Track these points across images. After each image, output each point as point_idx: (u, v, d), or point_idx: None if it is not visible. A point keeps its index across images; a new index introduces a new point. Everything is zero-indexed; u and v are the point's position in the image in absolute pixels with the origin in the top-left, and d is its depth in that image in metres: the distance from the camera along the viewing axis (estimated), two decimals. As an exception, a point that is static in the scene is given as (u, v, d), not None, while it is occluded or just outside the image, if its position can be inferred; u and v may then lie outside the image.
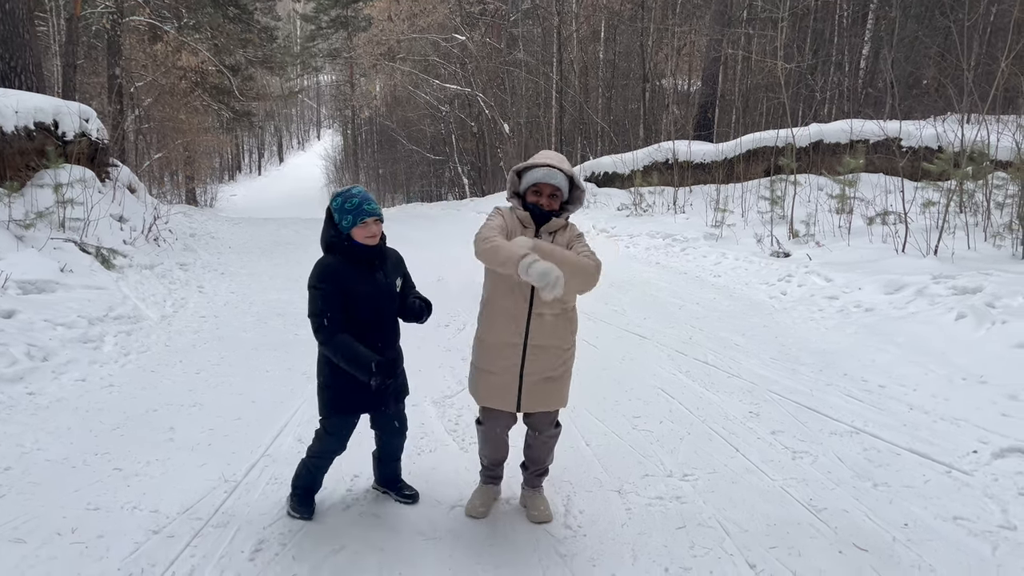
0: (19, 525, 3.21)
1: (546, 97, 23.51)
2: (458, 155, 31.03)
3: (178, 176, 29.99)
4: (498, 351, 3.22)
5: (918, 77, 15.90)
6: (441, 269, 9.93)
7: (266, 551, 3.10)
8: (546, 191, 3.16)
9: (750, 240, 10.48)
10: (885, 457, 4.04)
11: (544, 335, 3.18)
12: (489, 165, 28.79)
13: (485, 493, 3.53)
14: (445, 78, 28.89)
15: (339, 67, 50.01)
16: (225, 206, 33.20)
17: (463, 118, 29.92)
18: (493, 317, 3.24)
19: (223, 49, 27.06)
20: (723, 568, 3.02)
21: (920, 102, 14.48)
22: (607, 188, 17.10)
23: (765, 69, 17.43)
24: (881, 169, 11.35)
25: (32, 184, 8.39)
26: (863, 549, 3.13)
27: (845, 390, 5.08)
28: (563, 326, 3.24)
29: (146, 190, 13.08)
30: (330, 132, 64.64)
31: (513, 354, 3.19)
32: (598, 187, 17.37)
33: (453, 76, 28.41)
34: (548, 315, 3.17)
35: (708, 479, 3.81)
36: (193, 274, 9.38)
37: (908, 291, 6.82)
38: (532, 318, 3.16)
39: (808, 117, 15.20)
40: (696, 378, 5.44)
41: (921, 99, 14.71)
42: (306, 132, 71.69)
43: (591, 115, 22.43)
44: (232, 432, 4.39)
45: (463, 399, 5.04)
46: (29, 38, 10.60)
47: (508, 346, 3.20)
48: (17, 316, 5.81)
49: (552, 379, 3.23)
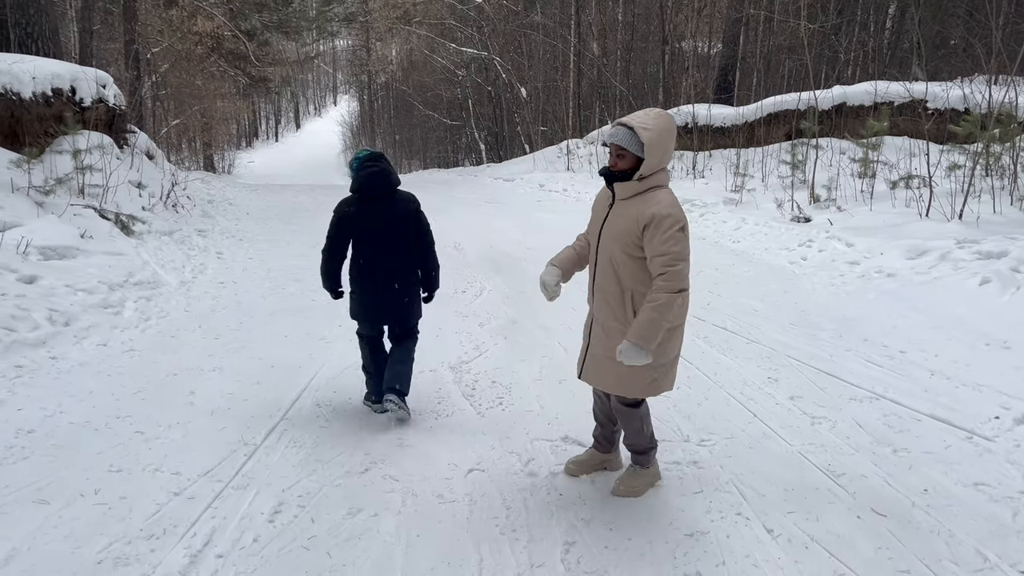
0: (43, 487, 3.27)
1: (564, 60, 23.21)
2: (475, 120, 30.80)
3: (196, 143, 29.98)
4: (587, 320, 3.29)
5: (945, 37, 15.50)
6: (458, 235, 9.90)
7: (285, 513, 3.13)
8: (613, 151, 2.98)
9: (770, 205, 10.35)
10: (905, 423, 4.00)
11: (605, 316, 3.11)
12: (506, 130, 28.56)
13: (589, 455, 3.51)
14: (461, 42, 28.57)
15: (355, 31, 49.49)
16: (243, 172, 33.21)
17: (480, 83, 29.63)
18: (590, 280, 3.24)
19: (238, 14, 26.88)
20: (740, 532, 3.02)
21: (947, 63, 14.14)
22: (625, 153, 16.93)
23: (788, 30, 17.09)
24: (906, 132, 11.12)
25: (51, 150, 8.43)
26: (882, 515, 3.12)
27: (865, 356, 5.03)
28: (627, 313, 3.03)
29: (164, 156, 13.11)
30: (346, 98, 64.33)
31: (588, 318, 3.27)
32: (616, 152, 17.19)
33: (470, 40, 28.09)
34: (608, 298, 3.08)
35: (725, 444, 3.80)
36: (211, 240, 9.42)
37: (931, 256, 6.71)
38: (596, 298, 3.16)
39: (831, 79, 14.90)
40: (714, 344, 5.40)
41: (948, 59, 14.37)
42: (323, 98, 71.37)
43: (609, 79, 22.13)
44: (251, 396, 4.43)
45: (480, 364, 5.05)
46: (45, 4, 10.57)
47: (590, 317, 3.26)
48: (39, 282, 5.86)
49: (610, 359, 3.04)
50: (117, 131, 10.53)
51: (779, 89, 17.18)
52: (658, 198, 2.93)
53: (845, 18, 17.38)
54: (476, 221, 11.59)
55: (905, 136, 10.90)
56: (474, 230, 10.57)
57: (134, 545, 2.87)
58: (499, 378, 4.79)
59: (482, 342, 5.56)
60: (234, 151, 41.40)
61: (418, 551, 2.89)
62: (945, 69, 13.69)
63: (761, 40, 18.68)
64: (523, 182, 17.57)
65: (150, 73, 22.62)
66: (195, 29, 23.67)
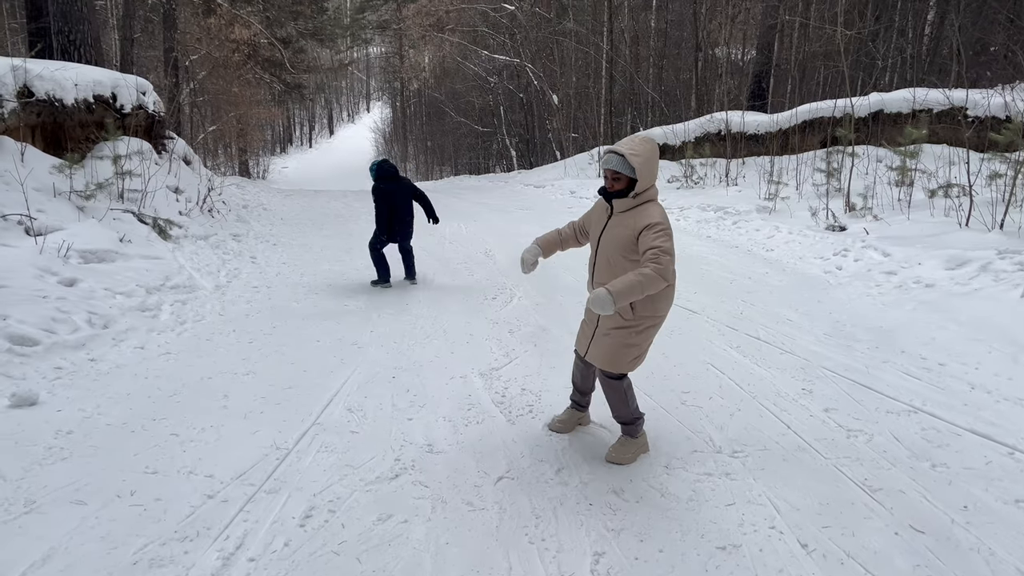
0: (81, 487, 3.33)
1: (596, 67, 23.17)
2: (506, 127, 30.86)
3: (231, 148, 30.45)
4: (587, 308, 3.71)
5: (986, 43, 15.21)
6: (489, 242, 9.93)
7: (316, 517, 3.15)
8: (608, 175, 3.52)
9: (804, 213, 10.23)
10: (944, 437, 3.92)
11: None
12: (537, 137, 28.57)
13: (569, 414, 4.10)
14: (494, 49, 28.68)
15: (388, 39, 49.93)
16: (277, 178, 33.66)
17: (511, 89, 29.70)
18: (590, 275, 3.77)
19: (275, 21, 27.23)
20: (774, 546, 2.97)
21: (988, 69, 13.87)
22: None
23: (823, 36, 16.88)
24: (945, 140, 10.93)
25: (92, 156, 8.60)
26: (920, 531, 3.05)
27: (903, 368, 4.94)
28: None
29: (200, 162, 13.31)
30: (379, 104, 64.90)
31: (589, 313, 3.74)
32: (648, 159, 17.09)
33: (502, 47, 28.18)
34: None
35: (759, 456, 3.75)
36: (246, 245, 9.54)
37: (971, 266, 6.58)
38: (594, 286, 3.65)
39: (868, 86, 14.70)
40: (747, 353, 5.34)
41: (989, 66, 14.09)
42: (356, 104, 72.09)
43: (642, 85, 22.05)
44: (284, 400, 4.47)
45: (510, 371, 5.04)
46: (88, 12, 10.81)
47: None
48: (79, 284, 5.98)
49: (609, 338, 3.60)
50: (156, 137, 10.73)
51: (814, 96, 16.98)
52: (650, 212, 3.45)
53: (883, 24, 17.13)
54: (507, 228, 11.60)
55: (944, 144, 10.72)
56: (505, 237, 10.58)
57: (168, 547, 2.91)
58: (529, 385, 4.78)
59: (512, 349, 5.56)
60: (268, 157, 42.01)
61: (447, 559, 2.89)
62: (986, 76, 13.42)
63: (796, 47, 18.49)
64: (554, 189, 17.57)
65: (188, 80, 23.03)
66: (232, 37, 24.05)
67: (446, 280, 7.94)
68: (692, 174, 14.45)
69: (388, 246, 7.68)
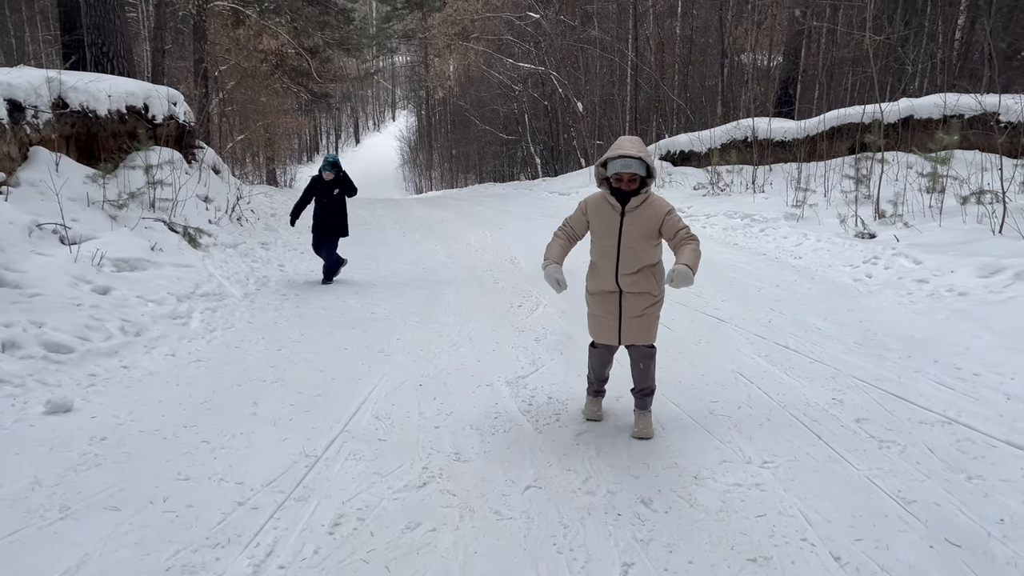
0: (114, 493, 3.37)
1: (621, 75, 23.15)
2: (531, 135, 30.92)
3: (259, 157, 30.82)
4: (601, 299, 4.14)
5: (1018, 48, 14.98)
6: (514, 249, 9.93)
7: (345, 525, 3.16)
8: (625, 178, 3.91)
9: (833, 220, 10.12)
10: (980, 449, 3.84)
11: (634, 285, 4.01)
12: (562, 145, 28.59)
13: (596, 402, 4.42)
14: (519, 57, 28.75)
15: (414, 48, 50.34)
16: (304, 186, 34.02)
17: (536, 97, 29.76)
18: (595, 275, 4.17)
19: (302, 32, 27.57)
20: (805, 558, 2.93)
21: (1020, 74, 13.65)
22: (683, 167, 16.76)
23: (852, 42, 16.73)
24: (977, 146, 10.75)
25: (124, 166, 8.76)
26: (956, 544, 2.99)
27: (936, 378, 4.86)
28: (648, 278, 4.03)
29: (229, 171, 13.49)
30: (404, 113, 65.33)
31: (611, 301, 4.09)
32: (674, 166, 17.04)
33: (526, 55, 28.25)
34: (633, 275, 4.00)
35: (789, 467, 3.70)
36: (274, 253, 9.65)
37: (1006, 274, 6.47)
38: (622, 278, 4.01)
39: (898, 92, 14.52)
40: (776, 363, 5.29)
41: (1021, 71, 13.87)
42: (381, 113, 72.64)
43: (667, 92, 21.99)
44: (312, 408, 4.50)
45: (536, 379, 5.04)
46: (120, 24, 11.02)
47: (608, 295, 4.10)
48: (112, 293, 6.08)
49: (644, 317, 4.05)
50: (186, 146, 10.89)
51: (842, 102, 16.81)
52: (659, 201, 4.02)
53: (912, 29, 16.94)
54: (532, 235, 11.60)
55: (976, 150, 10.54)
56: (530, 244, 10.58)
57: (200, 553, 2.93)
58: (556, 394, 4.77)
59: (538, 357, 5.55)
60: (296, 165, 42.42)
61: (475, 568, 2.89)
62: (1018, 81, 13.21)
63: (823, 52, 18.34)
64: (579, 196, 17.49)
65: (217, 90, 23.38)
66: (260, 47, 24.39)
67: (472, 287, 7.96)
68: (718, 181, 14.37)
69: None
